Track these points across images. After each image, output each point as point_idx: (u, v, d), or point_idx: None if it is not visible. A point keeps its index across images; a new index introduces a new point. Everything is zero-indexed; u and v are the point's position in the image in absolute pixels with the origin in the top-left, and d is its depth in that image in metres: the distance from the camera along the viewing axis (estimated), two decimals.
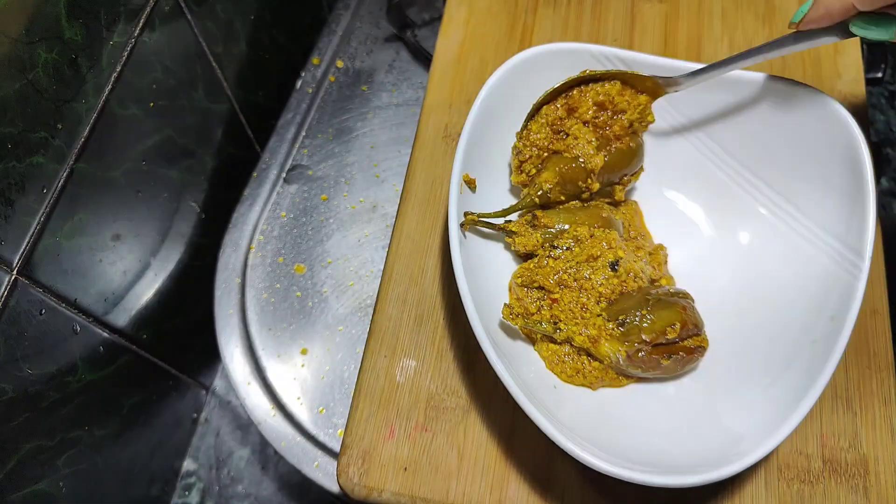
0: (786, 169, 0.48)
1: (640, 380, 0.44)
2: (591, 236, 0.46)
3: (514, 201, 0.51)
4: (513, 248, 0.48)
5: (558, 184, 0.47)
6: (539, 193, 0.47)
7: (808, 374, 0.39)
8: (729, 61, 0.45)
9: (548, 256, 0.45)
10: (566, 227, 0.46)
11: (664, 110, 0.51)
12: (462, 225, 0.45)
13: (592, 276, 0.44)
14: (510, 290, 0.47)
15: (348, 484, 0.45)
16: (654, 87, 0.47)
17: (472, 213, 0.46)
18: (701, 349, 0.43)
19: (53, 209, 0.47)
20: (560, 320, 0.44)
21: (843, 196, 0.45)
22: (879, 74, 0.72)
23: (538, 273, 0.45)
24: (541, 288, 0.45)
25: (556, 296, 0.45)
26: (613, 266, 0.45)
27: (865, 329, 0.47)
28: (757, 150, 0.50)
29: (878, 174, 0.73)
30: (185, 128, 0.63)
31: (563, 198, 0.48)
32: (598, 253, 0.45)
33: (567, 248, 0.45)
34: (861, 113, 0.54)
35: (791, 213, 0.48)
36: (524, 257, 0.48)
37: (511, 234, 0.47)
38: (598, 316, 0.44)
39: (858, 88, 0.55)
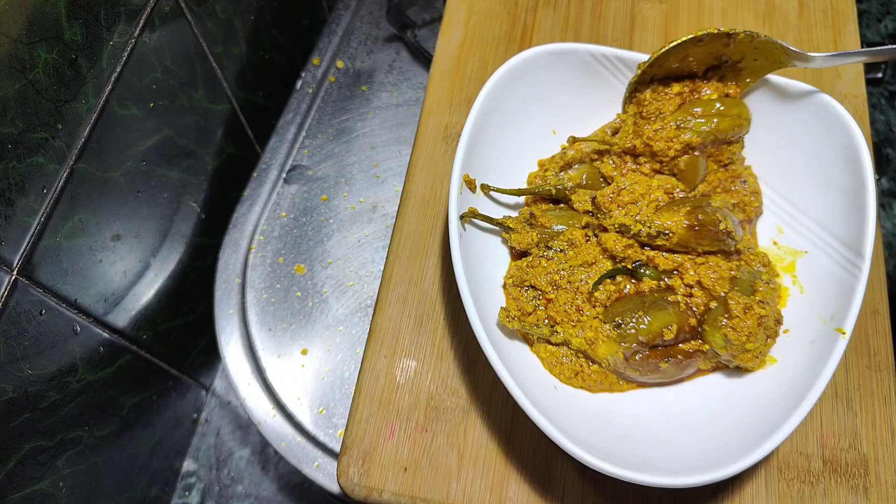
0: (786, 169, 0.48)
1: (640, 385, 0.44)
2: (586, 241, 0.46)
3: (513, 203, 0.51)
4: (509, 243, 0.48)
5: (579, 185, 0.48)
6: (559, 187, 0.48)
7: (808, 374, 0.39)
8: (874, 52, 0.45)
9: (541, 256, 0.45)
10: (563, 228, 0.46)
11: None
12: (462, 217, 0.45)
13: (590, 281, 0.44)
14: (505, 290, 0.47)
15: (348, 484, 0.45)
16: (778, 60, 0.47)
17: (488, 186, 0.48)
18: (699, 353, 0.43)
19: (53, 209, 0.47)
20: (556, 322, 0.44)
21: (844, 196, 0.45)
22: (879, 74, 0.72)
23: (529, 272, 0.45)
24: (533, 287, 0.45)
25: (552, 296, 0.45)
26: (612, 275, 0.44)
27: (865, 329, 0.47)
28: (757, 150, 0.50)
29: (878, 174, 0.73)
30: (185, 128, 0.63)
31: (577, 201, 0.48)
32: (594, 260, 0.45)
33: (560, 251, 0.45)
34: (861, 113, 0.54)
35: (791, 213, 0.48)
36: (518, 256, 0.48)
37: (508, 229, 0.47)
38: (595, 318, 0.44)
39: (858, 88, 0.55)
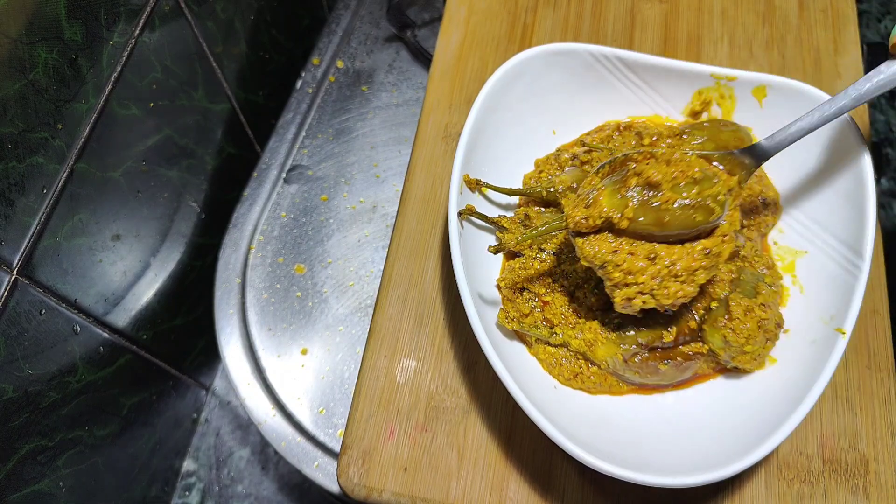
0: (785, 168, 0.48)
1: (640, 388, 0.44)
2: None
3: (510, 203, 0.51)
4: (501, 242, 0.48)
5: (569, 189, 0.47)
6: (550, 189, 0.48)
7: (808, 374, 0.39)
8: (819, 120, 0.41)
9: (534, 258, 0.45)
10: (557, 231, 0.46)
11: (661, 108, 0.52)
12: (460, 213, 0.45)
13: (586, 287, 0.44)
14: (499, 291, 0.47)
15: (348, 484, 0.45)
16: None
17: (482, 182, 0.47)
18: (699, 355, 0.43)
19: (53, 209, 0.47)
20: (554, 324, 0.44)
21: (843, 196, 0.45)
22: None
23: (521, 274, 0.45)
24: (526, 289, 0.45)
25: (548, 298, 0.44)
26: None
27: (865, 329, 0.47)
28: None
29: (878, 174, 0.73)
30: (185, 128, 0.63)
31: (567, 205, 0.48)
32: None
33: (553, 254, 0.45)
34: (861, 113, 0.54)
35: (791, 213, 0.48)
36: (511, 256, 0.48)
37: (502, 229, 0.47)
38: (594, 320, 0.43)
39: None
